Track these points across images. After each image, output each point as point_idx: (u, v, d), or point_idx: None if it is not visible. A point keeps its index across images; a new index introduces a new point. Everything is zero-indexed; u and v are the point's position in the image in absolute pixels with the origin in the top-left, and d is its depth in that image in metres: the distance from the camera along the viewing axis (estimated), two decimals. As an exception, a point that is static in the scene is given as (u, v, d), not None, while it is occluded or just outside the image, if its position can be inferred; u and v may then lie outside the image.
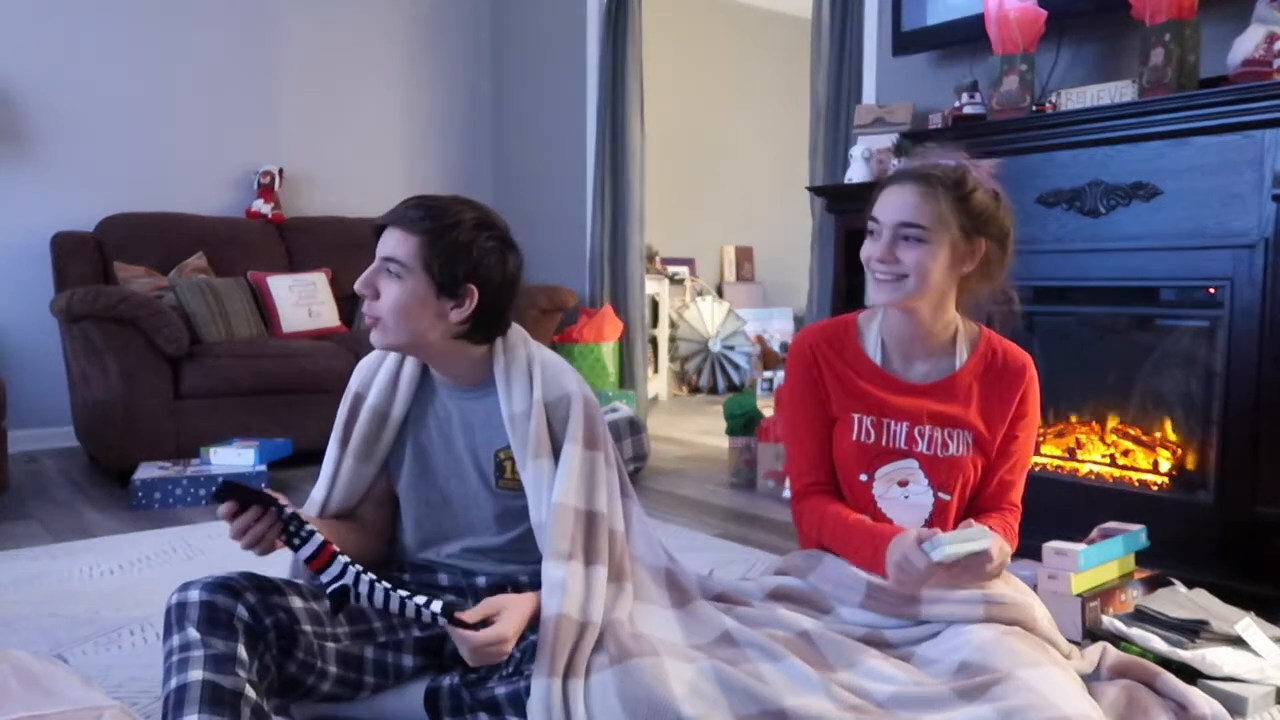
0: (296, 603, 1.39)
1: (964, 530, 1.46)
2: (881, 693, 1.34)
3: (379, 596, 1.32)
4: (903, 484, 1.62)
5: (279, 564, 1.59)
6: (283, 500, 1.34)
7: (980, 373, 1.64)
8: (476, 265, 1.45)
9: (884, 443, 1.61)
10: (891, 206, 1.55)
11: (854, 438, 1.62)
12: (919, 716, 1.28)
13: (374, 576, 1.33)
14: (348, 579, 1.33)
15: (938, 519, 1.62)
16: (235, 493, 1.32)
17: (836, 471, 1.67)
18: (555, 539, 1.41)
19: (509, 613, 1.37)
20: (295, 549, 1.35)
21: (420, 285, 1.44)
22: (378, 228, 1.49)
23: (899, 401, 1.61)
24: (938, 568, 1.43)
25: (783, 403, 1.76)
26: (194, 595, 1.30)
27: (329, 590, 1.34)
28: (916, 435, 1.61)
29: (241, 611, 1.30)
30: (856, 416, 1.62)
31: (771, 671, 1.35)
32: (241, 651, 1.28)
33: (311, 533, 1.34)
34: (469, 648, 1.32)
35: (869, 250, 1.58)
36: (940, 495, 1.61)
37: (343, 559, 1.34)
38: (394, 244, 1.45)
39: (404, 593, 1.33)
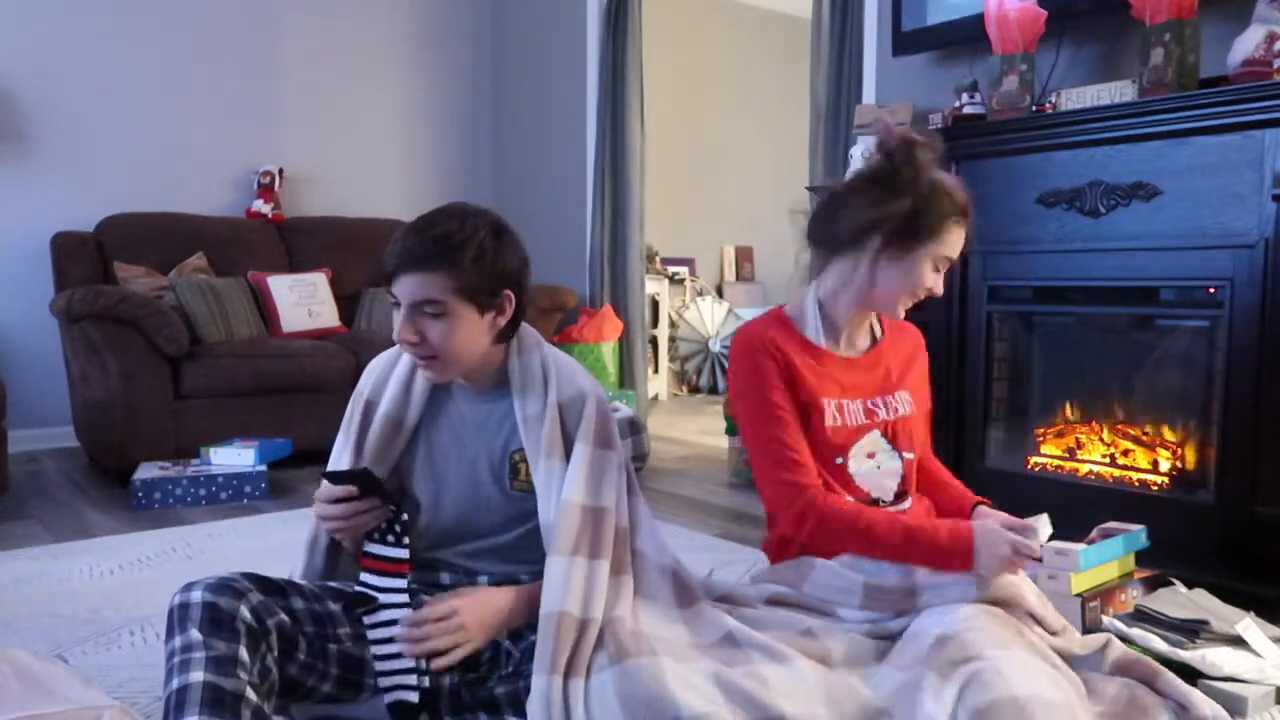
0: (299, 604, 1.39)
1: (1038, 520, 1.53)
2: (881, 697, 1.34)
3: (382, 632, 1.37)
4: (871, 455, 1.65)
5: (280, 564, 1.59)
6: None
7: (893, 340, 1.75)
8: (504, 271, 1.45)
9: (849, 422, 1.64)
10: (956, 246, 1.60)
11: (827, 424, 1.63)
12: (909, 708, 1.30)
13: (403, 617, 1.37)
14: (384, 599, 1.37)
15: (907, 480, 1.69)
16: (362, 481, 1.37)
17: (815, 462, 1.64)
18: (560, 535, 1.41)
19: (464, 595, 1.41)
20: (372, 541, 1.39)
21: (465, 312, 1.42)
22: (388, 274, 1.44)
23: (850, 378, 1.67)
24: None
25: (750, 405, 1.64)
26: (197, 596, 1.30)
27: (357, 588, 1.37)
28: (871, 407, 1.66)
29: (244, 613, 1.30)
30: (825, 401, 1.63)
31: (775, 674, 1.34)
32: (243, 653, 1.28)
33: (407, 545, 1.40)
34: (424, 629, 1.36)
35: (919, 282, 1.60)
36: (904, 455, 1.68)
37: (405, 581, 1.39)
38: (420, 286, 1.41)
39: (392, 662, 1.36)
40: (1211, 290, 2.29)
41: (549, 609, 1.35)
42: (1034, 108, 2.65)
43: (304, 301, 4.18)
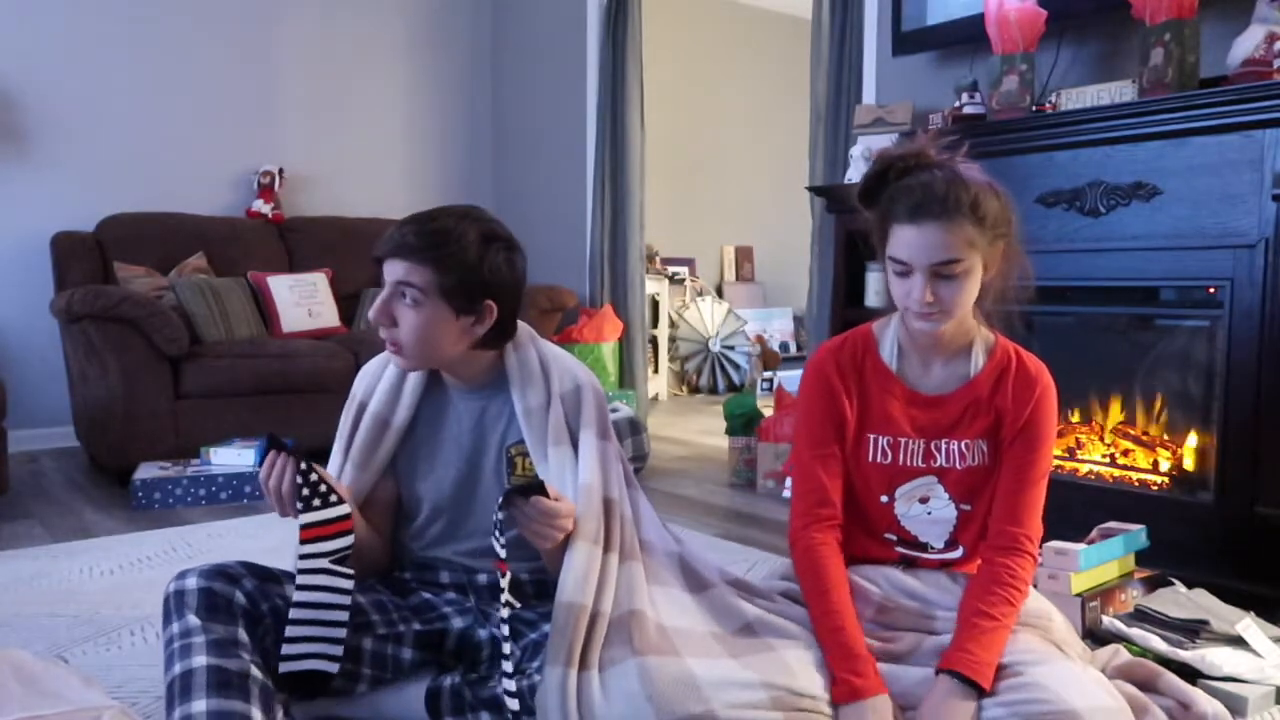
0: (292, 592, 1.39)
1: None
2: (908, 677, 1.34)
3: (314, 595, 1.36)
4: (924, 500, 1.58)
5: (280, 564, 1.59)
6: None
7: (995, 380, 1.59)
8: (490, 282, 1.45)
9: (902, 461, 1.57)
10: (919, 248, 1.45)
11: (870, 459, 1.58)
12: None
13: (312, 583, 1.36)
14: (330, 564, 1.36)
15: (962, 531, 1.58)
16: (272, 443, 1.38)
17: (857, 495, 1.60)
18: (584, 520, 1.41)
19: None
20: (305, 511, 1.37)
21: (439, 310, 1.43)
22: (378, 258, 1.46)
23: (915, 417, 1.57)
24: None
25: (796, 422, 1.66)
26: (192, 583, 1.31)
27: (300, 559, 1.36)
28: (933, 450, 1.57)
29: (239, 597, 1.32)
30: (872, 437, 1.58)
31: (797, 659, 1.36)
32: (242, 634, 1.29)
33: (337, 501, 1.38)
34: (541, 516, 1.33)
35: (904, 290, 1.49)
36: (962, 507, 1.58)
37: (351, 538, 1.38)
38: (404, 271, 1.42)
39: (322, 630, 1.35)
40: (1211, 290, 2.29)
41: (566, 598, 1.34)
42: (1034, 108, 2.65)
43: (304, 301, 4.18)
